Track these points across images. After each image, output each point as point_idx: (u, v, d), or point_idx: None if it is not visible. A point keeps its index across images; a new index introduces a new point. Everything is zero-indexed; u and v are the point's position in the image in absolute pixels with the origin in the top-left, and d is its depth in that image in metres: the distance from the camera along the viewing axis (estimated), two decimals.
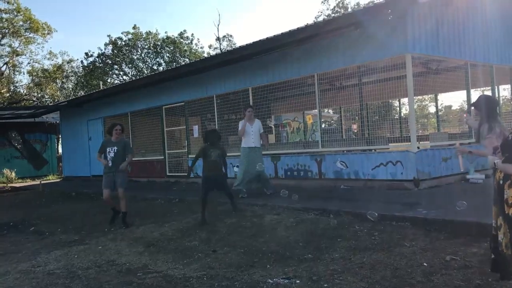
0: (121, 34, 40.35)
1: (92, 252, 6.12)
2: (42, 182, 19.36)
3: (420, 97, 30.41)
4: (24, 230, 8.43)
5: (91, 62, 39.55)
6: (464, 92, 11.25)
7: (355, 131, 18.35)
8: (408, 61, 9.15)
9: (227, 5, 68.15)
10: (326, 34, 10.09)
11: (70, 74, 41.14)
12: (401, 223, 6.21)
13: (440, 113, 16.80)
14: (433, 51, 9.83)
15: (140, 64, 40.72)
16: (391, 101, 18.67)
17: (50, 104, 31.29)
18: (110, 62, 39.95)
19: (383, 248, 5.14)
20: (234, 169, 12.58)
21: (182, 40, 40.68)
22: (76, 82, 41.07)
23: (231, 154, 12.64)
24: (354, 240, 5.60)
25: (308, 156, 11.21)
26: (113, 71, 40.83)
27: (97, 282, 4.76)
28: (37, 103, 35.98)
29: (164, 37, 40.30)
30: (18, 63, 36.89)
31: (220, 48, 39.87)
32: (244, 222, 7.27)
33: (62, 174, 22.93)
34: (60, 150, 28.84)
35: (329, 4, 49.19)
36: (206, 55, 37.85)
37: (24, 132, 25.34)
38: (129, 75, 39.85)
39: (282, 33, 10.53)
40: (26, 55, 36.42)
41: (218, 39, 40.47)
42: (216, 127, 13.41)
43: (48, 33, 35.23)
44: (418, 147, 9.42)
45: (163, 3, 68.79)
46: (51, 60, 40.51)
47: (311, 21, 35.06)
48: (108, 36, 40.98)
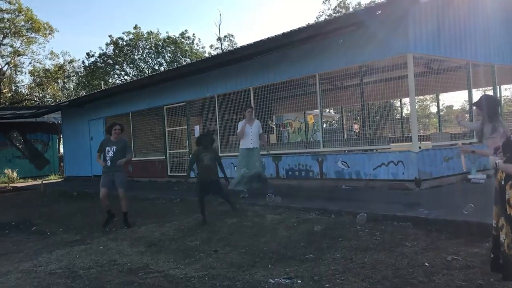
0: (122, 34, 40.47)
1: (94, 252, 6.13)
2: (44, 182, 19.39)
3: (422, 97, 30.38)
4: (26, 230, 8.44)
5: (93, 62, 39.64)
6: (465, 92, 11.24)
7: (357, 131, 18.34)
8: (410, 60, 9.14)
9: (228, 5, 68.23)
10: (327, 34, 10.08)
11: (71, 74, 41.27)
12: (402, 223, 6.21)
13: (441, 113, 16.75)
14: (434, 51, 9.83)
15: (142, 64, 40.78)
16: (392, 101, 18.66)
17: (51, 104, 31.34)
18: (112, 62, 40.01)
19: (385, 248, 5.13)
20: (236, 169, 12.60)
21: (183, 40, 40.71)
22: (77, 82, 41.17)
23: (232, 154, 12.69)
24: (355, 240, 5.60)
25: (309, 156, 11.21)
26: (114, 71, 40.90)
27: (98, 282, 4.76)
28: (38, 103, 36.07)
29: (165, 37, 40.37)
30: (19, 63, 37.03)
31: (221, 48, 39.91)
32: (246, 222, 7.27)
33: (64, 174, 22.96)
34: (61, 150, 28.88)
35: (330, 4, 49.14)
36: (207, 55, 37.89)
37: (25, 132, 25.38)
38: (130, 75, 39.90)
39: (283, 33, 10.53)
40: (27, 55, 36.58)
41: (219, 39, 40.58)
42: (209, 130, 13.38)
43: (49, 33, 35.34)
44: (420, 147, 9.41)
45: (165, 3, 68.89)
46: (53, 60, 40.60)
47: (312, 21, 35.07)
48: (110, 36, 41.08)
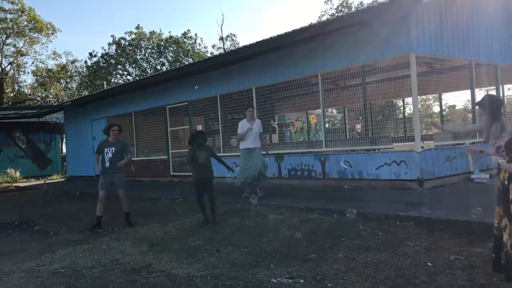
0: (124, 34, 40.53)
1: (96, 252, 6.14)
2: (46, 181, 19.43)
3: (424, 96, 30.33)
4: (29, 229, 8.46)
5: (95, 62, 39.70)
6: (468, 91, 11.21)
7: (359, 130, 18.33)
8: (412, 60, 9.13)
9: (231, 5, 68.22)
10: (330, 34, 10.07)
11: (74, 74, 41.35)
12: (405, 223, 6.21)
13: (444, 112, 16.71)
14: (437, 51, 9.80)
15: (144, 64, 40.82)
16: (395, 100, 18.63)
17: (54, 104, 31.40)
18: (114, 62, 40.07)
19: (387, 248, 5.13)
20: (238, 169, 12.60)
21: (185, 40, 40.74)
22: (80, 82, 41.24)
23: (234, 154, 12.68)
24: (358, 240, 5.60)
25: (311, 156, 11.21)
26: (117, 71, 40.96)
27: (101, 281, 4.77)
28: (41, 103, 36.15)
29: (167, 37, 40.42)
30: (22, 63, 37.14)
31: (223, 48, 39.92)
32: (248, 221, 7.28)
33: (66, 173, 23.00)
34: (64, 150, 28.95)
35: (332, 4, 49.17)
36: (209, 55, 37.92)
37: (28, 132, 25.44)
38: (132, 75, 39.96)
39: (285, 32, 10.53)
40: (30, 55, 36.67)
41: (221, 38, 40.58)
42: (201, 130, 13.26)
43: (52, 33, 35.43)
44: (422, 147, 9.40)
45: (167, 3, 68.94)
46: (55, 60, 40.71)
47: (314, 20, 35.05)
48: (112, 36, 41.12)
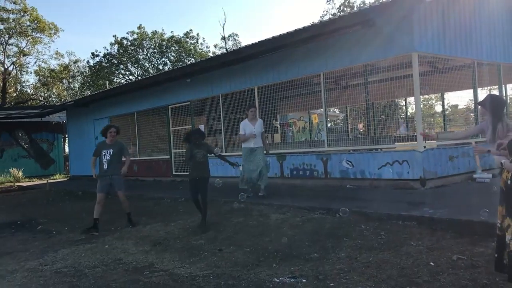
0: (126, 34, 40.56)
1: (99, 251, 6.16)
2: (49, 181, 19.46)
3: (427, 96, 30.24)
4: (32, 229, 8.49)
5: (98, 62, 39.76)
6: (471, 91, 11.18)
7: (361, 130, 18.30)
8: (415, 59, 9.11)
9: (233, 5, 68.21)
10: (332, 33, 10.05)
11: (76, 74, 41.42)
12: (407, 223, 6.20)
13: (446, 112, 16.66)
14: (439, 50, 9.78)
15: (146, 64, 40.86)
16: (397, 100, 18.59)
17: (56, 103, 31.47)
18: (116, 62, 40.11)
19: (390, 248, 5.13)
20: (240, 168, 12.59)
21: (187, 39, 40.75)
22: (82, 82, 41.32)
23: (237, 153, 12.67)
24: (360, 240, 5.59)
25: (314, 155, 11.20)
26: (119, 71, 41.02)
27: (104, 280, 4.79)
28: (43, 103, 36.22)
29: (169, 36, 40.45)
30: (25, 63, 37.21)
31: (225, 48, 39.92)
32: (250, 221, 7.28)
33: (69, 173, 23.05)
34: (66, 150, 29.02)
35: (334, 3, 49.15)
36: (211, 55, 37.92)
37: (31, 131, 25.50)
38: (135, 75, 40.01)
39: (287, 32, 10.52)
40: (33, 55, 36.77)
41: (223, 38, 40.56)
42: (197, 128, 13.13)
43: (54, 33, 35.53)
44: (425, 146, 9.38)
45: (169, 2, 68.98)
46: (58, 60, 40.86)
47: (316, 20, 35.01)
48: (114, 36, 41.19)
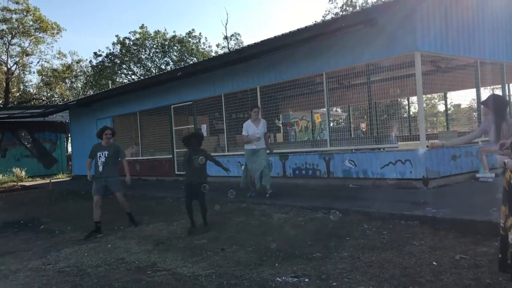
0: (128, 34, 40.62)
1: (102, 250, 6.17)
2: (52, 180, 19.51)
3: (430, 95, 30.18)
4: (34, 228, 8.52)
5: (100, 61, 39.81)
6: (473, 90, 11.15)
7: (364, 129, 18.27)
8: (417, 59, 9.09)
9: (236, 4, 68.21)
10: (334, 33, 10.03)
11: (79, 74, 41.50)
12: (410, 222, 6.19)
13: (449, 111, 16.63)
14: (442, 49, 9.76)
15: (148, 64, 40.90)
16: (400, 99, 18.58)
17: (59, 103, 31.54)
18: (119, 61, 40.17)
19: (392, 247, 5.12)
20: (242, 167, 12.60)
21: (190, 39, 40.77)
22: (85, 82, 41.40)
23: (239, 153, 12.70)
24: (362, 239, 5.59)
25: (316, 155, 11.19)
26: (121, 71, 41.06)
27: (106, 280, 4.80)
28: (46, 103, 36.31)
29: (171, 36, 40.45)
30: (28, 63, 37.30)
31: (228, 47, 39.93)
32: (253, 220, 7.29)
33: (72, 173, 23.11)
34: (69, 149, 29.07)
35: (336, 3, 49.09)
36: (214, 54, 37.93)
37: (34, 131, 25.57)
38: (137, 75, 40.05)
39: (290, 31, 10.50)
40: (35, 55, 36.83)
41: (226, 38, 40.58)
42: (196, 131, 12.92)
43: (57, 32, 35.61)
44: (427, 146, 9.36)
45: (171, 2, 69.03)
46: (61, 60, 40.86)
47: (318, 20, 34.99)
48: (116, 36, 41.24)
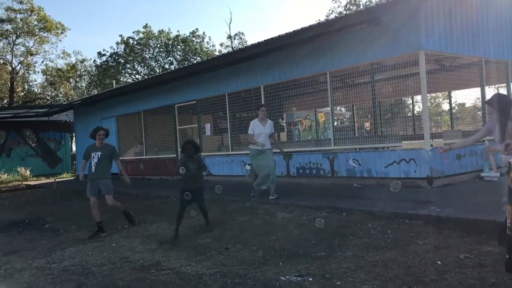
0: (132, 33, 40.68)
1: (106, 249, 6.19)
2: (56, 180, 19.57)
3: (434, 94, 30.08)
4: (39, 227, 8.55)
5: (104, 61, 39.91)
6: (478, 89, 11.11)
7: (368, 128, 18.24)
8: (422, 58, 9.07)
9: (239, 4, 68.17)
10: (338, 32, 10.02)
11: (83, 73, 41.62)
12: (414, 221, 6.18)
13: (453, 110, 16.58)
14: (446, 48, 9.73)
15: (152, 63, 40.96)
16: (404, 98, 18.52)
17: (64, 103, 31.65)
18: (123, 61, 40.25)
19: (396, 246, 5.11)
20: (246, 167, 12.62)
21: (193, 38, 40.79)
22: (89, 81, 41.52)
23: (243, 152, 12.72)
24: (367, 238, 5.58)
25: (320, 154, 11.18)
26: (125, 70, 41.14)
27: (111, 278, 4.81)
28: (51, 102, 36.46)
29: (175, 35, 40.49)
30: (32, 63, 37.45)
31: (231, 46, 39.92)
32: (256, 220, 7.29)
33: (76, 172, 23.17)
34: (74, 148, 29.17)
35: (340, 2, 48.87)
36: (217, 53, 37.94)
37: (38, 130, 25.67)
38: (141, 74, 40.12)
39: (293, 30, 10.50)
40: (40, 55, 36.99)
41: (229, 37, 40.56)
42: (192, 139, 12.55)
43: (61, 32, 35.74)
44: (432, 145, 9.34)
45: (175, 1, 69.09)
46: (65, 60, 41.05)
47: (322, 19, 34.93)
48: (120, 36, 41.34)
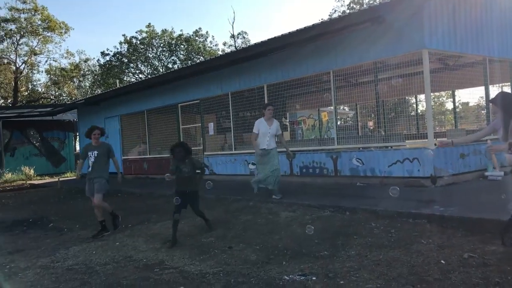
0: (135, 33, 40.74)
1: (110, 248, 6.21)
2: (60, 179, 19.61)
3: (437, 93, 30.00)
4: (43, 226, 8.60)
5: (108, 60, 39.98)
6: (482, 88, 11.07)
7: (371, 128, 18.21)
8: (425, 56, 9.05)
9: (243, 3, 68.14)
10: (341, 31, 10.01)
11: (87, 73, 41.70)
12: (417, 220, 6.17)
13: (457, 109, 16.52)
14: (450, 47, 9.70)
15: (156, 62, 41.00)
16: (407, 97, 18.49)
17: (67, 102, 31.74)
18: (126, 60, 40.31)
19: (400, 245, 5.10)
20: (250, 166, 12.64)
21: (197, 38, 40.80)
22: (93, 81, 41.59)
23: (246, 151, 12.73)
24: (370, 237, 5.58)
25: (323, 153, 11.17)
26: (129, 70, 41.20)
27: (114, 277, 4.83)
28: (55, 102, 36.56)
29: (178, 35, 40.51)
30: (36, 62, 37.54)
31: (235, 46, 39.93)
32: (260, 219, 7.29)
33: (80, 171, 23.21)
34: (77, 148, 29.22)
35: (343, 1, 48.78)
36: (220, 53, 37.96)
37: (42, 130, 25.76)
38: (145, 73, 40.16)
39: (296, 29, 10.49)
40: (44, 54, 37.06)
41: (232, 36, 40.58)
42: (182, 141, 11.79)
43: (65, 32, 35.81)
44: (435, 144, 9.31)
45: (179, 1, 69.11)
46: (69, 59, 41.15)
47: (325, 18, 34.87)
48: (123, 35, 41.35)
